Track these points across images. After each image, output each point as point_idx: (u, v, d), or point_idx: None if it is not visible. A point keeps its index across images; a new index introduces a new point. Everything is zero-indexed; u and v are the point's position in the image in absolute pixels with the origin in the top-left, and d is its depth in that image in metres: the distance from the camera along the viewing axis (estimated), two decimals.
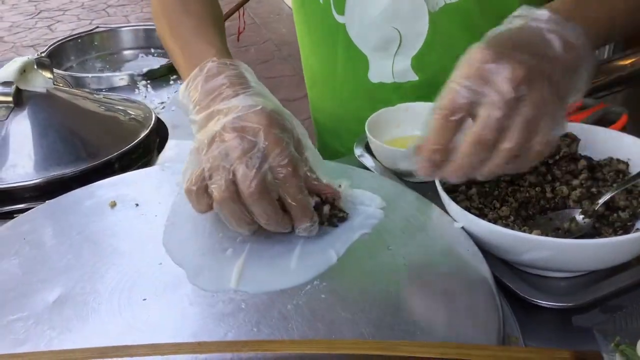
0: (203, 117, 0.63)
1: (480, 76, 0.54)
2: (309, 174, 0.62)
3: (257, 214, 0.59)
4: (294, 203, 0.60)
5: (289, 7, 4.93)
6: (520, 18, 0.60)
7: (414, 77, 0.95)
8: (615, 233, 0.66)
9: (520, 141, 0.54)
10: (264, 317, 0.53)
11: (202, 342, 0.48)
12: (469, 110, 0.55)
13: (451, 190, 0.70)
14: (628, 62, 1.05)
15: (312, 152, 0.64)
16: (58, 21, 5.02)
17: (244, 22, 1.31)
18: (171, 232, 0.65)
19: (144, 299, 0.56)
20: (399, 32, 0.91)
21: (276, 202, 0.60)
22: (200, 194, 0.60)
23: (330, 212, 0.64)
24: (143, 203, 0.71)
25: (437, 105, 0.56)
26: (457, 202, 0.66)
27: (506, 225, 0.65)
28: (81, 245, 0.65)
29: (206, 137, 0.60)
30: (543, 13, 0.59)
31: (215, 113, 0.62)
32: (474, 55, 0.55)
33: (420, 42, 0.91)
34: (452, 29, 0.89)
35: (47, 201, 0.75)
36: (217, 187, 0.58)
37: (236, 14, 1.28)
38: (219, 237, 0.64)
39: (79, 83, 1.23)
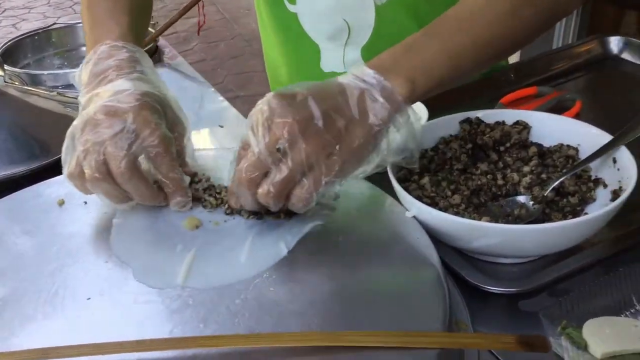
0: (86, 100, 0.66)
1: (257, 125, 0.57)
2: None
3: (130, 192, 0.63)
4: (166, 180, 0.64)
5: None
6: (347, 74, 0.62)
7: None
8: (565, 218, 0.67)
9: (269, 192, 0.57)
10: (211, 313, 0.53)
11: (143, 340, 0.48)
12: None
13: (403, 179, 0.70)
14: (584, 49, 1.06)
15: (188, 141, 0.70)
16: (23, 19, 4.92)
17: (204, 15, 1.29)
18: (120, 229, 0.64)
19: (88, 298, 0.55)
20: (347, 23, 0.91)
21: (147, 179, 0.64)
22: (80, 177, 0.63)
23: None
24: (92, 201, 0.69)
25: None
26: (410, 192, 0.66)
27: (457, 213, 0.65)
28: (27, 245, 0.63)
29: (81, 122, 0.63)
30: (361, 69, 0.61)
31: (94, 96, 0.65)
32: (260, 104, 0.58)
33: (368, 33, 0.92)
34: (399, 20, 0.89)
35: None
36: (88, 168, 0.61)
37: (195, 8, 1.27)
38: (170, 233, 0.63)
39: (34, 81, 1.20)
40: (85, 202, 0.69)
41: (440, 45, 0.64)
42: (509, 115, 0.77)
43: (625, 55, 1.06)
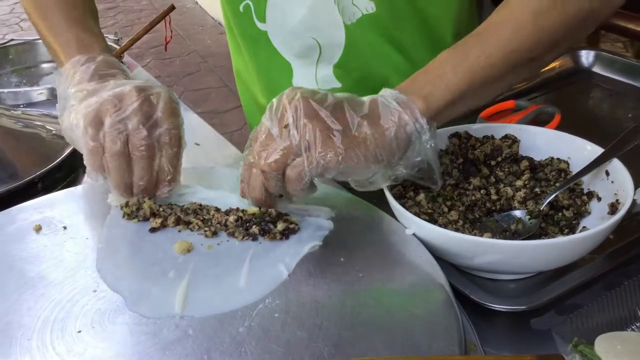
0: (93, 86, 0.68)
1: (274, 110, 0.61)
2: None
3: (136, 171, 0.66)
4: (170, 168, 0.67)
5: (213, 18, 4.86)
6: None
7: (337, 84, 0.94)
8: (562, 232, 0.66)
9: (268, 161, 0.60)
10: (214, 343, 0.50)
11: None
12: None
13: (399, 196, 0.68)
14: (556, 62, 1.08)
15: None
16: None
17: (171, 31, 1.26)
18: (105, 256, 0.60)
19: (79, 331, 0.51)
20: (317, 41, 0.90)
21: (153, 167, 0.67)
22: (102, 152, 0.65)
23: (283, 227, 0.61)
24: (71, 225, 0.65)
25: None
26: (407, 208, 0.64)
27: (456, 230, 0.64)
28: (4, 275, 0.59)
29: (106, 96, 0.65)
30: (382, 92, 0.64)
31: (110, 82, 0.68)
32: (284, 94, 0.62)
33: (339, 52, 0.91)
34: (370, 38, 0.89)
35: None
36: (111, 141, 0.64)
37: (162, 24, 1.23)
38: (159, 258, 0.60)
39: None
40: (65, 227, 0.65)
41: (456, 61, 0.64)
42: (497, 129, 0.76)
43: (596, 69, 1.08)
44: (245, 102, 1.10)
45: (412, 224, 0.62)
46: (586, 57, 1.09)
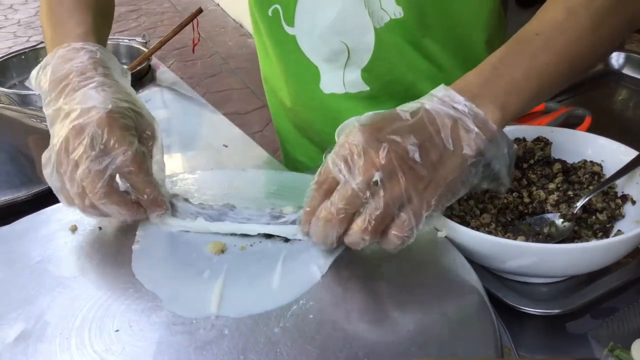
0: (52, 113, 0.64)
1: (349, 157, 0.54)
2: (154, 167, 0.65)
3: (111, 213, 0.62)
4: (144, 196, 0.63)
5: (234, 20, 4.89)
6: (431, 98, 0.58)
7: (365, 88, 0.94)
8: (595, 236, 0.66)
9: (367, 224, 0.54)
10: (250, 343, 0.50)
11: None
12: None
13: None
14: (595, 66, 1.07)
15: (157, 144, 0.66)
16: None
17: (199, 33, 1.27)
18: (141, 256, 0.61)
19: (117, 330, 0.52)
20: (346, 45, 0.90)
21: (126, 198, 0.62)
22: (78, 203, 0.62)
23: None
24: (107, 226, 0.66)
25: (314, 179, 0.58)
26: None
27: (489, 233, 0.64)
28: (42, 274, 0.60)
29: (57, 143, 0.62)
30: (449, 94, 0.58)
31: (61, 111, 0.63)
32: (349, 135, 0.55)
33: (368, 55, 0.91)
34: (398, 43, 0.89)
35: None
36: (77, 201, 0.62)
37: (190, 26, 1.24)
38: (193, 258, 0.60)
39: (24, 101, 1.17)
40: (100, 228, 0.66)
41: (524, 64, 0.60)
42: (529, 132, 0.76)
43: (627, 71, 1.07)
44: (273, 105, 1.11)
45: (444, 227, 0.62)
46: (616, 59, 1.08)
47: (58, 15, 0.75)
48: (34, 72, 0.69)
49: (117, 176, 0.62)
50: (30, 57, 1.34)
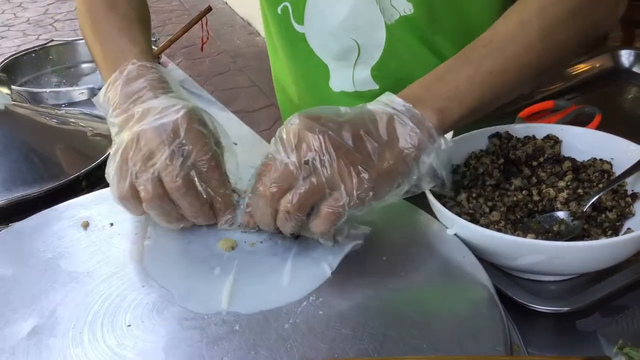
0: (122, 120, 0.64)
1: (286, 140, 0.57)
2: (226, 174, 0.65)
3: (184, 208, 0.62)
4: (217, 197, 0.63)
5: (242, 19, 4.90)
6: (375, 102, 0.62)
7: (374, 86, 0.94)
8: (605, 234, 0.66)
9: (292, 201, 0.56)
10: (261, 339, 0.50)
11: None
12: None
13: (439, 196, 0.68)
14: (596, 62, 1.07)
15: (231, 154, 0.67)
16: (2, 37, 4.85)
17: (207, 31, 1.27)
18: (153, 252, 0.61)
19: (129, 325, 0.53)
20: (357, 42, 0.90)
21: (201, 195, 0.62)
22: (134, 199, 0.61)
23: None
24: (118, 222, 0.67)
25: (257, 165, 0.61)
26: (448, 208, 0.64)
27: (499, 230, 0.64)
28: (54, 270, 0.60)
29: (127, 139, 0.61)
30: (390, 98, 0.62)
31: (134, 114, 0.63)
32: (289, 120, 0.58)
33: (378, 52, 0.91)
34: (408, 40, 0.89)
35: (11, 224, 0.70)
36: (144, 189, 0.60)
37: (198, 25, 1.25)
38: (205, 255, 0.61)
39: (35, 99, 1.18)
40: (112, 224, 0.66)
41: (470, 72, 0.63)
42: (539, 130, 0.76)
43: (637, 69, 1.07)
44: (282, 103, 1.11)
45: (454, 225, 0.62)
46: (627, 57, 1.08)
47: (106, 32, 0.76)
48: (103, 89, 0.69)
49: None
50: (41, 55, 1.35)
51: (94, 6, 0.80)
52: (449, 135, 0.81)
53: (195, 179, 0.61)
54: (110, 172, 0.62)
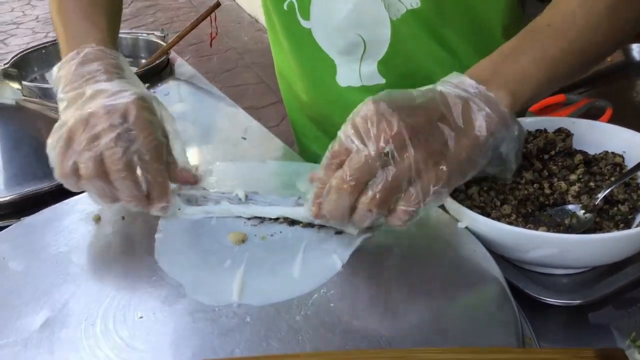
0: (72, 96, 0.65)
1: (362, 128, 0.55)
2: (170, 160, 0.67)
3: (120, 191, 0.62)
4: (155, 185, 0.63)
5: (250, 15, 4.90)
6: (444, 83, 0.59)
7: (381, 81, 0.94)
8: (617, 227, 0.65)
9: (374, 197, 0.54)
10: (271, 331, 0.50)
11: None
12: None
13: None
14: (608, 57, 1.06)
15: (177, 140, 0.68)
16: (12, 35, 4.88)
17: (216, 27, 1.28)
18: (164, 244, 0.62)
19: (141, 317, 0.53)
20: (362, 38, 0.90)
21: (139, 181, 0.63)
22: (74, 175, 0.62)
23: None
24: (129, 215, 0.67)
25: (328, 150, 0.58)
26: (458, 202, 0.64)
27: (510, 224, 0.64)
28: (66, 263, 0.61)
29: (77, 117, 0.62)
30: (461, 79, 0.59)
31: (85, 93, 0.64)
32: (362, 107, 0.56)
33: (384, 48, 0.91)
34: (415, 34, 0.88)
35: (22, 218, 0.70)
36: (85, 167, 0.61)
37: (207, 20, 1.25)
38: (215, 248, 0.61)
39: (45, 94, 1.18)
40: (123, 217, 0.66)
41: (535, 54, 0.61)
42: (550, 123, 0.76)
43: None
44: (287, 99, 1.11)
45: (465, 218, 0.62)
46: (638, 50, 1.07)
47: (71, 15, 0.76)
48: (56, 67, 0.70)
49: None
50: (50, 51, 1.35)
51: None
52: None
53: (138, 165, 0.62)
54: (54, 146, 0.63)
